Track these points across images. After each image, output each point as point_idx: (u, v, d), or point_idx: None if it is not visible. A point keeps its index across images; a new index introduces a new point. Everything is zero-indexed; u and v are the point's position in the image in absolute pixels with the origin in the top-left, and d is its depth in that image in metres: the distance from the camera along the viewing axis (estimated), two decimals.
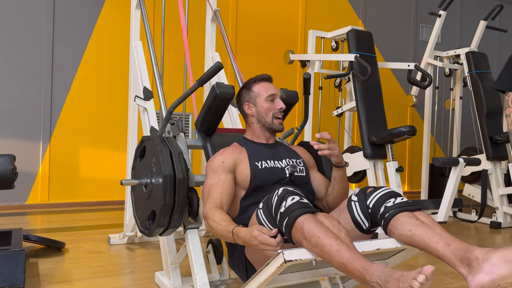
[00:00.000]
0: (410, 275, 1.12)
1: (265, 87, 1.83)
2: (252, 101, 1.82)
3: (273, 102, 1.81)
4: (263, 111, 1.80)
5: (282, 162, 1.77)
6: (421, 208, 1.48)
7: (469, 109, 4.61)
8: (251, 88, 1.84)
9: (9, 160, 2.08)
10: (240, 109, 1.89)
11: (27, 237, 2.49)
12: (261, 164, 1.72)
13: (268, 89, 1.82)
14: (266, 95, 1.80)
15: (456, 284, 2.22)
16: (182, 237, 2.95)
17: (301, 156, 1.86)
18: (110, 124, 4.37)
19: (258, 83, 1.84)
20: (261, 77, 1.86)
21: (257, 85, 1.83)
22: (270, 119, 1.80)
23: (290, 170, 1.75)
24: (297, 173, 1.76)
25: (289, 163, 1.78)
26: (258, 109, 1.81)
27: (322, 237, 1.29)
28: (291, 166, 1.76)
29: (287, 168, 1.75)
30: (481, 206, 4.01)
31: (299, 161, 1.82)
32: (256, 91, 1.82)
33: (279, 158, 1.78)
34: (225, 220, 1.49)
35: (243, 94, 1.86)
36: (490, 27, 4.69)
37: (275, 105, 1.81)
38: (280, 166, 1.75)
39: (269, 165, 1.73)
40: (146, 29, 2.46)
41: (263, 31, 5.10)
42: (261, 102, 1.80)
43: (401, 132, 3.76)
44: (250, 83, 1.86)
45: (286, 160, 1.79)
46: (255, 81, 1.85)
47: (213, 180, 1.67)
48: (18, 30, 4.04)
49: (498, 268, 1.17)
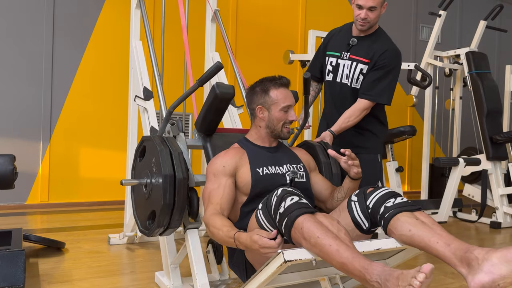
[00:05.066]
0: (410, 274, 1.12)
1: (283, 95, 1.75)
2: (266, 106, 1.75)
3: (286, 113, 1.76)
4: (275, 119, 1.75)
5: (283, 167, 1.76)
6: (421, 208, 1.48)
7: (469, 109, 4.61)
8: (269, 92, 1.75)
9: (9, 160, 2.08)
10: (249, 107, 1.82)
11: (27, 237, 2.49)
12: (262, 170, 1.70)
13: (286, 99, 1.74)
14: (283, 105, 1.74)
15: (456, 284, 2.22)
16: (182, 237, 2.95)
17: (301, 160, 1.85)
18: (110, 124, 4.37)
19: (276, 88, 1.75)
20: (280, 82, 1.76)
21: (276, 91, 1.74)
22: (279, 128, 1.76)
23: (291, 176, 1.73)
24: (297, 179, 1.75)
25: (290, 168, 1.76)
26: (271, 117, 1.75)
27: (321, 237, 1.29)
28: (292, 172, 1.74)
29: (287, 174, 1.74)
30: (481, 206, 4.01)
31: (300, 166, 1.80)
32: (273, 98, 1.74)
33: (280, 163, 1.76)
34: (226, 226, 1.48)
35: (258, 94, 1.77)
36: (490, 27, 4.69)
37: (287, 116, 1.76)
38: (281, 172, 1.74)
39: (270, 171, 1.72)
40: (146, 29, 2.46)
41: (263, 31, 5.10)
42: (275, 110, 1.74)
43: (401, 132, 3.76)
44: (268, 85, 1.76)
45: (287, 166, 1.77)
46: (274, 84, 1.75)
47: (214, 184, 1.65)
48: (18, 30, 4.04)
49: (498, 268, 1.17)
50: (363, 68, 2.25)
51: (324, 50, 2.42)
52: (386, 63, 2.23)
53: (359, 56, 2.26)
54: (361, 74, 2.26)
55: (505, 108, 4.60)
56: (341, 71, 2.31)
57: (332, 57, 2.35)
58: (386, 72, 2.24)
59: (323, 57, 2.43)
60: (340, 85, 2.32)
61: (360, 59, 2.26)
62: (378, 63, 2.23)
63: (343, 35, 2.36)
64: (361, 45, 2.28)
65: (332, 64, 2.34)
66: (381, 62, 2.23)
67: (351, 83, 2.28)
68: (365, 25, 2.21)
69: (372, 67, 2.24)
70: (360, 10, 2.18)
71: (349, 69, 2.28)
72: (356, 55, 2.27)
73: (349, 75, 2.28)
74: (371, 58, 2.24)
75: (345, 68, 2.29)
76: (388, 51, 2.24)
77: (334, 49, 2.36)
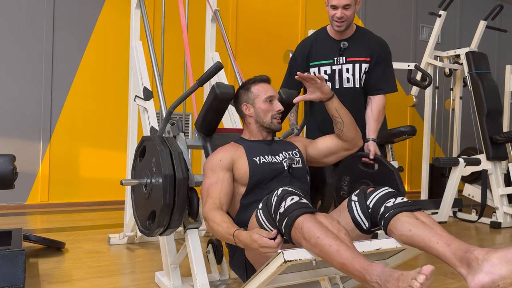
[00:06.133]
0: (410, 275, 1.12)
1: (264, 88, 1.83)
2: (250, 101, 1.82)
3: (271, 104, 1.81)
4: (262, 112, 1.80)
5: (279, 156, 1.78)
6: (421, 208, 1.48)
7: (469, 109, 4.61)
8: (250, 88, 1.84)
9: (9, 160, 2.08)
10: (237, 109, 1.89)
11: (27, 237, 2.49)
12: (259, 159, 1.73)
13: (267, 91, 1.82)
14: (265, 96, 1.81)
15: (456, 284, 2.22)
16: (182, 237, 2.95)
17: (296, 146, 1.87)
18: (110, 124, 4.37)
19: (256, 84, 1.84)
20: (259, 78, 1.86)
21: (256, 86, 1.83)
22: (269, 119, 1.81)
23: (288, 162, 1.75)
24: (294, 165, 1.77)
25: (286, 156, 1.79)
26: (257, 110, 1.81)
27: (321, 237, 1.29)
28: (289, 159, 1.77)
29: (284, 161, 1.76)
30: (481, 206, 4.01)
31: (295, 152, 1.83)
32: (255, 92, 1.82)
33: (276, 152, 1.79)
34: (226, 222, 1.49)
35: (241, 94, 1.86)
36: (490, 27, 4.69)
37: (273, 107, 1.81)
38: (277, 160, 1.76)
39: (267, 160, 1.74)
40: (146, 29, 2.46)
41: (263, 31, 5.10)
42: (259, 103, 1.80)
43: (401, 132, 3.76)
44: (248, 83, 1.85)
45: (283, 154, 1.79)
46: (253, 82, 1.85)
47: (212, 179, 1.67)
48: (18, 30, 4.04)
49: (498, 268, 1.17)
50: (366, 67, 2.24)
51: (306, 63, 2.32)
52: (385, 56, 2.28)
53: (358, 56, 2.25)
54: (365, 73, 2.26)
55: (505, 108, 4.60)
56: (340, 76, 2.27)
57: (324, 66, 2.28)
58: (387, 63, 2.29)
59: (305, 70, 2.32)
60: (344, 91, 2.25)
61: (361, 59, 2.25)
62: (380, 58, 2.25)
63: (324, 42, 2.30)
64: (353, 46, 2.26)
65: (327, 72, 2.28)
66: (382, 56, 2.26)
67: (354, 84, 2.26)
68: (342, 25, 2.18)
69: (374, 63, 2.25)
70: (335, 10, 2.16)
71: (351, 72, 2.26)
72: (354, 57, 2.25)
73: (353, 78, 2.26)
74: (371, 55, 2.24)
75: (345, 72, 2.26)
76: (382, 43, 2.29)
77: (322, 58, 2.28)
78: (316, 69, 2.30)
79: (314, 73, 2.21)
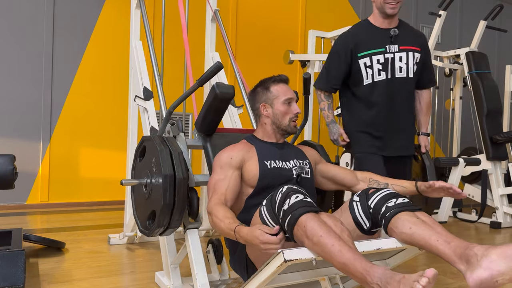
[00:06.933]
0: (412, 278, 1.12)
1: (283, 89, 1.80)
2: (269, 102, 1.79)
3: (289, 106, 1.79)
4: (280, 114, 1.78)
5: (290, 163, 1.77)
6: (422, 209, 1.48)
7: (469, 109, 4.61)
8: (269, 88, 1.80)
9: (9, 160, 2.08)
10: (253, 107, 1.86)
11: (27, 237, 2.49)
12: (270, 163, 1.72)
13: (286, 92, 1.80)
14: (284, 98, 1.78)
15: (456, 284, 2.22)
16: (182, 237, 2.95)
17: (307, 156, 1.86)
18: (110, 124, 4.37)
19: (276, 84, 1.81)
20: (279, 78, 1.82)
21: (276, 86, 1.80)
22: (286, 122, 1.79)
23: (298, 171, 1.75)
24: (303, 174, 1.77)
25: (297, 164, 1.78)
26: (275, 111, 1.79)
27: (324, 236, 1.29)
28: (299, 168, 1.76)
29: (294, 169, 1.75)
30: (481, 206, 4.01)
31: (305, 162, 1.82)
32: (274, 93, 1.79)
33: (287, 158, 1.78)
34: (228, 218, 1.48)
35: (260, 93, 1.82)
36: (490, 27, 4.69)
37: (291, 109, 1.79)
38: (287, 167, 1.75)
39: (278, 165, 1.73)
40: (146, 29, 2.46)
41: (263, 31, 5.10)
42: (278, 104, 1.78)
43: None
44: (268, 82, 1.82)
45: (294, 161, 1.78)
46: (273, 81, 1.81)
47: (220, 175, 1.66)
48: (18, 30, 4.04)
49: (496, 264, 1.17)
50: (418, 57, 2.21)
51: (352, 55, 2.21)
52: (428, 49, 2.31)
53: (410, 45, 2.19)
54: (416, 63, 2.21)
55: (505, 108, 4.60)
56: (392, 65, 2.17)
57: (376, 55, 2.16)
58: (429, 57, 2.33)
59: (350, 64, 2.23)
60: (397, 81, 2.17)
61: (412, 48, 2.19)
62: (426, 50, 2.26)
63: (371, 31, 2.21)
64: (403, 34, 2.20)
65: (380, 61, 2.17)
66: (427, 49, 2.28)
67: (408, 74, 2.18)
68: (397, 6, 2.16)
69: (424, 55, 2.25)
70: None
71: (404, 60, 2.18)
72: (407, 45, 2.18)
73: (406, 67, 2.18)
74: (420, 45, 2.23)
75: (397, 61, 2.18)
76: (425, 36, 2.31)
77: (373, 46, 2.17)
78: (367, 59, 2.19)
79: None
